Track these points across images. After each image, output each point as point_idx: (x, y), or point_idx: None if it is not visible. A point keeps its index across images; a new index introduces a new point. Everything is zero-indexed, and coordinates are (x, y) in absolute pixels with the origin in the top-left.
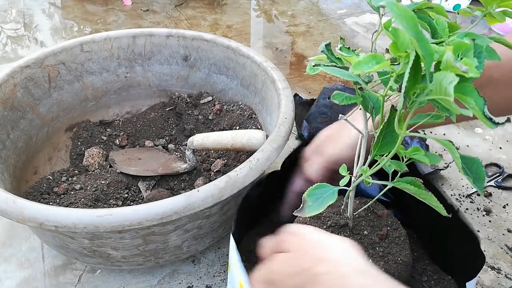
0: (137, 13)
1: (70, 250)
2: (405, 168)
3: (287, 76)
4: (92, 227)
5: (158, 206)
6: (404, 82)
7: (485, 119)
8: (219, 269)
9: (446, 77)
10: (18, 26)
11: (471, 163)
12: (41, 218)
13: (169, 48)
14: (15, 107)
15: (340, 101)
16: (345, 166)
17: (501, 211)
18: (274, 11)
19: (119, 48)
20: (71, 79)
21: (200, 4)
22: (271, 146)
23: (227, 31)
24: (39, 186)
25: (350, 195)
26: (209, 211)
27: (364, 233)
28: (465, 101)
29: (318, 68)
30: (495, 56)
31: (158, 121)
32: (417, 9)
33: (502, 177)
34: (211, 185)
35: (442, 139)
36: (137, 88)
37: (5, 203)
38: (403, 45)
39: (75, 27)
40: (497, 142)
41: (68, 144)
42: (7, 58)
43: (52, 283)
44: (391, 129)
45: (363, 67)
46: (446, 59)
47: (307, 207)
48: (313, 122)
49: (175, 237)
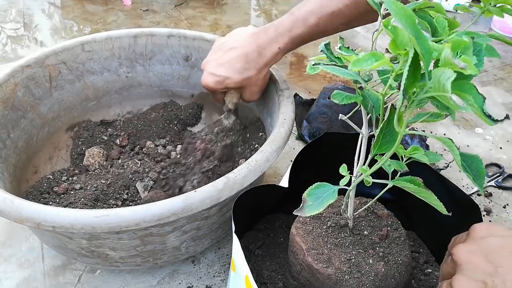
0: (137, 13)
1: (68, 250)
2: (405, 168)
3: (287, 76)
4: (90, 227)
5: (155, 207)
6: (403, 80)
7: (484, 117)
8: (219, 269)
9: (444, 73)
10: (18, 26)
11: (471, 161)
12: (39, 218)
13: (170, 48)
14: (15, 106)
15: (340, 101)
16: (345, 165)
17: (501, 211)
18: (274, 10)
19: (120, 48)
20: (72, 79)
21: (200, 4)
22: (271, 148)
23: (227, 31)
24: (39, 185)
25: (350, 195)
26: (208, 213)
27: (364, 233)
28: (464, 98)
29: (318, 68)
30: (495, 54)
31: (159, 121)
32: (417, 8)
33: (502, 177)
34: (209, 186)
35: (442, 137)
36: (138, 88)
37: (3, 203)
38: (402, 43)
39: (75, 27)
40: (497, 142)
41: (69, 144)
42: (7, 58)
43: (52, 283)
44: (391, 128)
45: (362, 64)
46: (445, 56)
47: (307, 207)
48: (313, 122)
49: (173, 238)
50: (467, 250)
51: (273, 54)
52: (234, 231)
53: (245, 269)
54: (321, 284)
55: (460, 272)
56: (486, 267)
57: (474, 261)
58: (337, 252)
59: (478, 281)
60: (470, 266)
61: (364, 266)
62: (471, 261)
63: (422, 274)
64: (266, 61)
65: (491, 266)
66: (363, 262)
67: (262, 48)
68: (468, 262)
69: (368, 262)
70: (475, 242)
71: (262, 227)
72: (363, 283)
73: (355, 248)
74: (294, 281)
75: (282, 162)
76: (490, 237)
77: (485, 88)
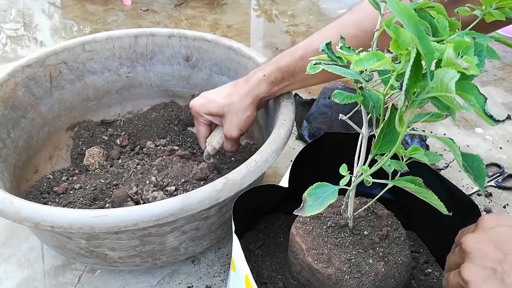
0: (137, 13)
1: (67, 250)
2: (405, 168)
3: None
4: (88, 227)
5: (154, 207)
6: (405, 80)
7: (485, 117)
8: (219, 269)
9: (447, 73)
10: (18, 26)
11: (472, 161)
12: (37, 218)
13: (171, 48)
14: (16, 106)
15: (340, 100)
16: (345, 165)
17: (501, 211)
18: (274, 10)
19: (121, 47)
20: (72, 79)
21: (200, 4)
22: (270, 148)
23: (227, 31)
24: (39, 185)
25: (350, 194)
26: (207, 213)
27: (364, 233)
28: (465, 98)
29: (319, 67)
30: (495, 56)
31: (160, 121)
32: (418, 8)
33: (502, 177)
34: (208, 186)
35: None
36: (139, 88)
37: (2, 202)
38: (404, 43)
39: (75, 27)
40: (498, 142)
41: (69, 144)
42: (7, 58)
43: (52, 283)
44: (392, 128)
45: (364, 64)
46: (447, 56)
47: (307, 207)
48: (313, 122)
49: (172, 239)
50: (476, 240)
51: (257, 80)
52: (234, 231)
53: (245, 269)
54: (321, 284)
55: (469, 260)
56: (496, 255)
57: (483, 249)
58: (337, 252)
59: (487, 268)
60: (479, 254)
61: (364, 266)
62: (480, 249)
63: (422, 274)
64: (249, 87)
65: (501, 253)
66: (363, 262)
67: (249, 76)
68: (477, 250)
69: (368, 262)
70: (484, 232)
71: (262, 227)
72: (363, 283)
73: (355, 248)
74: (294, 281)
75: (282, 162)
76: (499, 227)
77: (485, 88)
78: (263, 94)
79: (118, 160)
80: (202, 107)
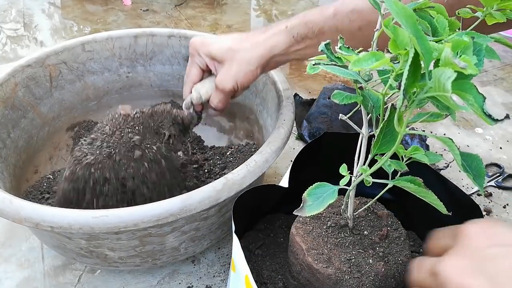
0: (137, 13)
1: (67, 250)
2: (405, 168)
3: (287, 76)
4: (88, 228)
5: (154, 207)
6: (403, 80)
7: (484, 116)
8: (219, 269)
9: (444, 73)
10: (18, 26)
11: (471, 160)
12: (37, 218)
13: (171, 48)
14: (16, 106)
15: (340, 100)
16: (345, 165)
17: (501, 211)
18: (274, 10)
19: (121, 47)
20: (72, 79)
21: (200, 4)
22: (270, 149)
23: (227, 31)
24: (39, 185)
25: (350, 194)
26: (207, 213)
27: (364, 233)
28: (464, 98)
29: (318, 67)
30: (495, 56)
31: None
32: (418, 8)
33: (502, 177)
34: (208, 187)
35: (442, 137)
36: (139, 88)
37: (2, 202)
38: (402, 42)
39: (75, 27)
40: (498, 142)
41: (69, 144)
42: (7, 58)
43: (52, 283)
44: (391, 128)
45: (362, 64)
46: (445, 56)
47: (307, 207)
48: (313, 122)
49: (172, 239)
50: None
51: (277, 30)
52: (234, 231)
53: (245, 269)
54: (321, 284)
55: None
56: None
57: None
58: (337, 252)
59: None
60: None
61: (364, 266)
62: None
63: None
64: (265, 37)
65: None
66: (363, 262)
67: (269, 26)
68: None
69: (368, 262)
70: (470, 255)
71: (262, 227)
72: (363, 283)
73: (355, 248)
74: (294, 281)
75: (282, 162)
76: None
77: (485, 88)
78: (279, 49)
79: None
80: (203, 46)
